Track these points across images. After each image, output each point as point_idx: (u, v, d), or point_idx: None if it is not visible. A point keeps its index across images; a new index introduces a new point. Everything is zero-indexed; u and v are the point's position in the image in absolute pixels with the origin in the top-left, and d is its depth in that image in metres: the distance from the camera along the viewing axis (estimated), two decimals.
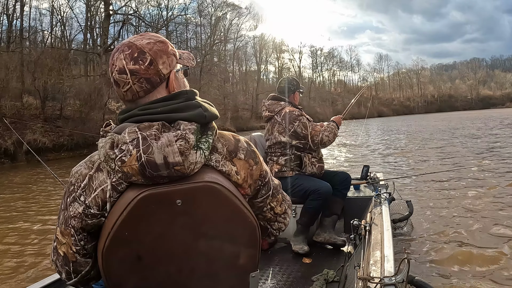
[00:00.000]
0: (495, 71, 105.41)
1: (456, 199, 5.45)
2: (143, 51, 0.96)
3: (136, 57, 0.95)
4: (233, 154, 1.00)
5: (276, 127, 3.14)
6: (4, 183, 10.86)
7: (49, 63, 22.56)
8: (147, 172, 0.85)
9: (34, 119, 20.24)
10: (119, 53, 0.97)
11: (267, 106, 3.25)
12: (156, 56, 0.96)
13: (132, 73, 0.95)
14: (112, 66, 0.97)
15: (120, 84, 0.97)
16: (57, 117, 22.36)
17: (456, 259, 3.38)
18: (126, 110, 0.97)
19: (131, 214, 0.85)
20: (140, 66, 0.95)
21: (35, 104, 22.07)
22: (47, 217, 6.32)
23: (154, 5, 39.22)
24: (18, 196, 8.62)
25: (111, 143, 0.89)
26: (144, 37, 0.99)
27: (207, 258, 0.93)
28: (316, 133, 3.07)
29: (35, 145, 17.10)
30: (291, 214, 1.19)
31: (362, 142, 17.33)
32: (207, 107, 0.97)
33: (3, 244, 5.05)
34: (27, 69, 22.77)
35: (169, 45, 1.02)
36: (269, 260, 2.82)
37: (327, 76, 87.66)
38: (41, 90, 21.78)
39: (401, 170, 8.69)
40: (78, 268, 0.98)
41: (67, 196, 0.95)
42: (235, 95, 48.80)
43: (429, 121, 35.65)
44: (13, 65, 21.51)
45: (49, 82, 22.07)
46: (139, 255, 0.88)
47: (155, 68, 0.96)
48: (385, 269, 1.59)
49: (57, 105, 22.83)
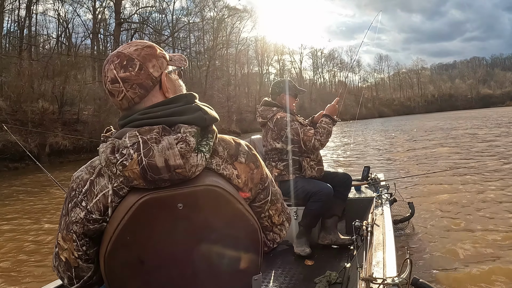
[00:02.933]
0: (495, 70, 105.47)
1: (457, 199, 5.44)
2: (132, 57, 0.97)
3: (126, 65, 0.96)
4: (234, 157, 1.01)
5: (269, 133, 3.11)
6: (27, 183, 11.30)
7: (67, 69, 24.09)
8: (149, 175, 0.85)
9: (53, 123, 21.31)
10: (109, 64, 0.98)
11: (260, 112, 3.19)
12: (145, 61, 0.98)
13: (124, 81, 0.96)
14: (104, 78, 0.99)
15: (114, 94, 0.98)
16: (74, 121, 23.28)
17: (458, 259, 3.37)
18: (126, 116, 0.98)
19: (132, 218, 0.85)
20: (130, 73, 0.96)
21: (51, 109, 22.93)
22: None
23: (156, 10, 40.33)
24: (44, 195, 8.97)
25: (111, 148, 0.89)
26: (131, 45, 1.01)
27: (209, 262, 0.92)
28: (308, 139, 2.97)
29: (57, 147, 18.02)
30: (288, 227, 1.17)
31: (362, 142, 17.33)
32: (207, 110, 0.97)
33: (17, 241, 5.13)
34: (46, 75, 23.80)
35: (156, 48, 1.03)
36: (271, 262, 2.82)
37: (328, 78, 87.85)
38: (58, 96, 23.05)
39: (402, 170, 8.68)
40: (80, 274, 0.98)
41: (68, 202, 0.96)
42: (238, 98, 49.23)
43: (430, 121, 35.62)
44: (35, 72, 22.85)
45: (67, 87, 23.44)
46: (141, 259, 0.88)
47: (145, 72, 0.97)
48: (388, 269, 1.59)
49: (73, 110, 23.92)
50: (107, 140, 0.92)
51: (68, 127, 22.00)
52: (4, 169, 3.37)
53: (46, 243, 5.04)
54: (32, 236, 5.47)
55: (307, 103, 55.76)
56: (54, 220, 6.19)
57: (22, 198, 8.96)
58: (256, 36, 60.54)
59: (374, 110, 79.82)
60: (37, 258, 4.56)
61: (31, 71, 22.51)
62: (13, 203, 8.34)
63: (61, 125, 21.69)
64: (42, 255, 4.61)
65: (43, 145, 17.83)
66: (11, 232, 5.84)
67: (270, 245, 1.15)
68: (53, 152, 18.18)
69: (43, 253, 4.71)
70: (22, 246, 5.04)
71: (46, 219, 6.44)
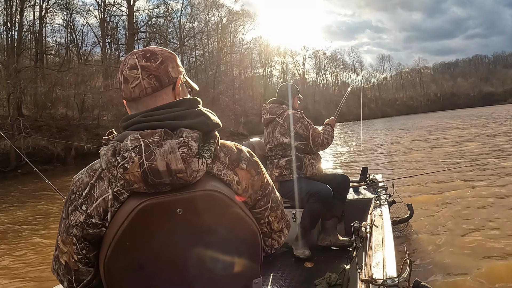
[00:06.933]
0: (497, 67, 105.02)
1: (456, 199, 5.42)
2: (155, 53, 1.01)
3: (149, 57, 0.99)
4: (235, 163, 1.00)
5: (277, 128, 3.18)
6: (57, 184, 11.17)
7: (88, 78, 26.72)
8: (150, 179, 0.85)
9: (76, 128, 23.51)
10: (131, 55, 1.01)
11: (268, 109, 3.29)
12: (167, 60, 1.01)
13: (143, 69, 0.98)
14: (123, 66, 1.00)
15: (129, 80, 0.98)
16: (95, 126, 25.07)
17: (458, 260, 3.37)
18: (129, 117, 0.98)
19: (132, 224, 0.85)
20: (151, 63, 0.98)
21: (72, 115, 25.32)
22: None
23: (163, 15, 41.34)
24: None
25: (113, 151, 0.89)
26: (156, 47, 1.05)
27: (209, 266, 0.92)
28: (317, 135, 3.16)
29: (82, 150, 19.61)
30: (287, 234, 1.17)
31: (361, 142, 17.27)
32: (209, 115, 0.97)
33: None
34: (69, 84, 26.16)
35: (177, 58, 1.06)
36: (270, 265, 2.82)
37: (331, 79, 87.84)
38: (79, 103, 25.39)
39: (400, 170, 8.66)
40: (80, 277, 0.97)
41: (69, 205, 0.95)
42: (243, 101, 49.76)
43: (431, 120, 35.48)
44: (56, 80, 25.44)
45: (87, 94, 25.90)
46: (141, 264, 0.88)
47: (165, 68, 1.00)
48: (388, 270, 1.59)
49: (92, 116, 26.24)
50: (108, 143, 0.92)
51: (89, 131, 23.80)
52: (34, 171, 3.53)
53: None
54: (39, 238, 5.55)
55: (310, 105, 56.04)
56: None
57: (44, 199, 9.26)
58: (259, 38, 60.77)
59: (377, 110, 79.57)
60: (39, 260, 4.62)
61: (53, 80, 24.98)
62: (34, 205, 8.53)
63: (83, 130, 23.60)
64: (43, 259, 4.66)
65: (69, 149, 19.61)
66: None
67: (268, 251, 1.15)
68: (79, 155, 19.67)
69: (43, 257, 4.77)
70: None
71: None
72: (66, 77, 25.98)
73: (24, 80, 22.40)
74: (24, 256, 4.92)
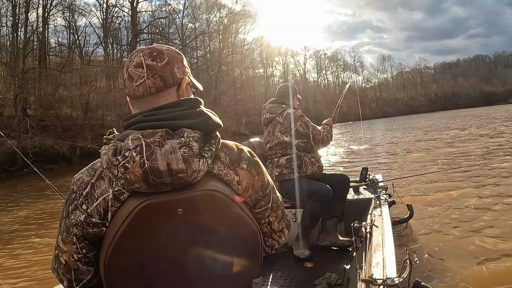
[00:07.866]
0: (498, 67, 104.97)
1: (456, 199, 5.41)
2: (162, 52, 1.00)
3: (155, 56, 0.98)
4: (236, 163, 1.00)
5: (278, 127, 3.20)
6: (61, 183, 11.57)
7: (93, 79, 27.23)
8: (150, 179, 0.85)
9: (81, 128, 23.94)
10: (138, 52, 1.00)
11: (268, 108, 3.32)
12: (173, 60, 1.00)
13: (148, 68, 0.97)
14: (129, 63, 1.00)
15: (134, 78, 0.98)
16: (99, 126, 25.40)
17: (458, 260, 3.36)
18: (130, 117, 0.98)
19: (132, 224, 0.85)
20: (157, 63, 0.98)
21: (76, 115, 25.64)
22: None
23: (165, 16, 41.83)
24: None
25: (114, 150, 0.89)
26: (163, 45, 1.04)
27: (209, 266, 0.92)
28: (317, 132, 3.20)
29: (87, 150, 19.59)
30: (287, 234, 1.17)
31: (361, 143, 17.28)
32: (210, 116, 0.97)
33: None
34: (74, 84, 26.62)
35: (184, 59, 1.06)
36: (270, 265, 2.81)
37: (332, 79, 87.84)
38: (84, 103, 25.75)
39: (400, 170, 8.65)
40: (80, 276, 0.97)
41: (69, 204, 0.95)
42: (244, 101, 49.98)
43: (431, 120, 35.45)
44: (61, 81, 26.06)
45: (91, 95, 26.36)
46: (141, 264, 0.88)
47: (170, 69, 0.99)
48: (388, 270, 1.59)
49: (96, 116, 26.63)
50: (109, 142, 0.93)
51: (94, 131, 24.13)
52: (40, 170, 3.50)
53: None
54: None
55: (311, 105, 55.96)
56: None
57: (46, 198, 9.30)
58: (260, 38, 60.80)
59: (378, 110, 79.63)
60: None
61: (58, 81, 25.49)
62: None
63: (88, 130, 24.06)
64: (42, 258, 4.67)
65: (74, 148, 20.04)
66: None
67: (269, 251, 1.15)
68: (84, 154, 19.83)
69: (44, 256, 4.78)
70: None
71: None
72: (70, 78, 26.41)
73: (31, 81, 22.93)
74: (24, 256, 4.93)
